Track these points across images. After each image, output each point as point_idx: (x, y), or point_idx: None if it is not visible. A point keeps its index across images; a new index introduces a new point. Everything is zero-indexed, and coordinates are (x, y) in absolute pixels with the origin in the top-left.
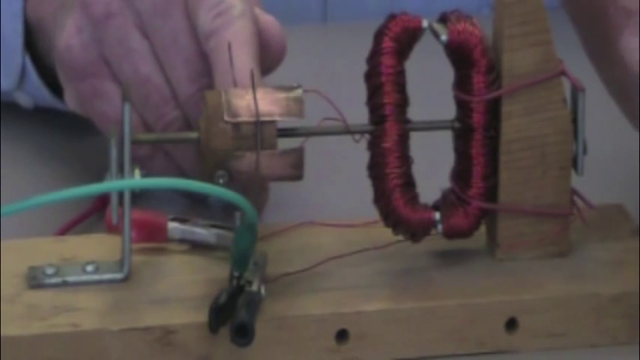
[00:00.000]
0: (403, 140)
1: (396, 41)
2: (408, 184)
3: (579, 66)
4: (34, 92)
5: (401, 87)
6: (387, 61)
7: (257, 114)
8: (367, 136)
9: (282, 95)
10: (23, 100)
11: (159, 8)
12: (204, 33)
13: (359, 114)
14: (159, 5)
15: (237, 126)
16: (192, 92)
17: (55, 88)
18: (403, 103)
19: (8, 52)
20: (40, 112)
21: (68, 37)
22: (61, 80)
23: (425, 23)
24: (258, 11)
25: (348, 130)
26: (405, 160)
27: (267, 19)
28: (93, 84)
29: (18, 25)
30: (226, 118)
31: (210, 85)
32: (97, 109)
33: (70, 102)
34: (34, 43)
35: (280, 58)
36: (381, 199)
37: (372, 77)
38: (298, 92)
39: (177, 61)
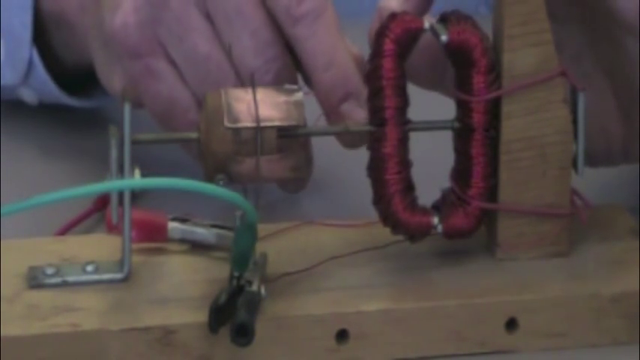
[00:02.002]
0: (403, 144)
1: (396, 43)
2: (407, 187)
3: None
4: (39, 87)
5: (401, 90)
6: (388, 64)
7: (257, 119)
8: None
9: (282, 99)
10: (28, 95)
11: None
12: (291, 16)
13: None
14: None
15: (237, 131)
16: (258, 65)
17: (62, 83)
18: (403, 105)
19: (15, 46)
20: (41, 111)
21: (125, 15)
22: (108, 65)
23: (426, 24)
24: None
25: (347, 130)
26: (405, 164)
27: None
28: (147, 63)
29: (27, 18)
30: (227, 124)
31: (277, 55)
32: (149, 89)
33: (116, 84)
34: (48, 36)
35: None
36: (380, 202)
37: (373, 80)
38: (299, 96)
39: (242, 34)
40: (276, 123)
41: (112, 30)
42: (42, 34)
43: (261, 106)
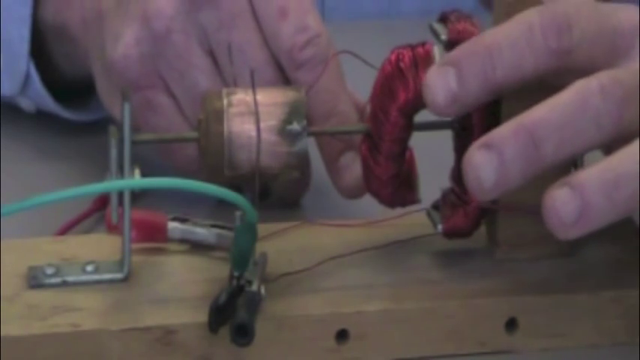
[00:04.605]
0: (396, 176)
1: (404, 114)
2: (398, 186)
3: None
4: (36, 99)
5: (404, 141)
6: (392, 129)
7: (257, 163)
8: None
9: (284, 149)
10: (25, 104)
11: (224, 22)
12: (293, 60)
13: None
14: (225, 19)
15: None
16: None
17: (61, 94)
18: (403, 150)
19: (13, 58)
20: (41, 111)
21: (126, 48)
22: (109, 92)
23: None
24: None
25: (346, 131)
26: (397, 176)
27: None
28: (146, 95)
29: (25, 31)
30: (227, 173)
31: None
32: (148, 122)
33: (117, 111)
34: (49, 47)
35: None
36: (371, 192)
37: (376, 132)
38: (301, 145)
39: (244, 72)
40: (275, 172)
41: (113, 60)
42: (43, 44)
43: (263, 154)
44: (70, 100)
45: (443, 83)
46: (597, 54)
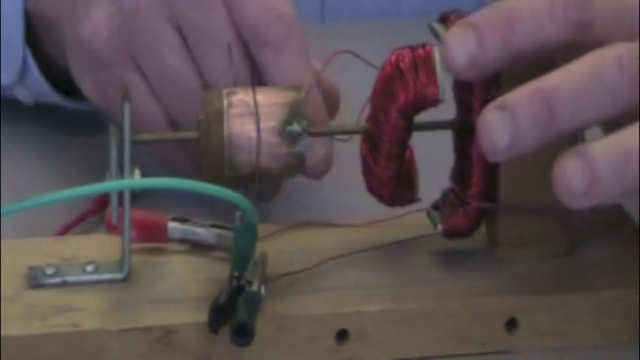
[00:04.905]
0: (396, 178)
1: (404, 115)
2: (397, 184)
3: None
4: (34, 87)
5: (403, 142)
6: (392, 130)
7: (257, 164)
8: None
9: (284, 150)
10: (23, 95)
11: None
12: (258, 40)
13: (357, 114)
14: None
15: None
16: (227, 82)
17: (58, 83)
18: (403, 150)
19: (9, 47)
20: (41, 111)
21: (95, 25)
22: (80, 70)
23: (441, 95)
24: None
25: (346, 131)
26: (396, 174)
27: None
28: (117, 73)
29: (19, 19)
30: (227, 173)
31: (246, 74)
32: (119, 100)
33: (91, 93)
34: (43, 41)
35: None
36: (370, 191)
37: (376, 132)
38: (302, 146)
39: (211, 51)
40: (274, 173)
41: (82, 39)
42: (38, 42)
43: (263, 155)
44: (68, 94)
45: (462, 44)
46: (616, 30)
